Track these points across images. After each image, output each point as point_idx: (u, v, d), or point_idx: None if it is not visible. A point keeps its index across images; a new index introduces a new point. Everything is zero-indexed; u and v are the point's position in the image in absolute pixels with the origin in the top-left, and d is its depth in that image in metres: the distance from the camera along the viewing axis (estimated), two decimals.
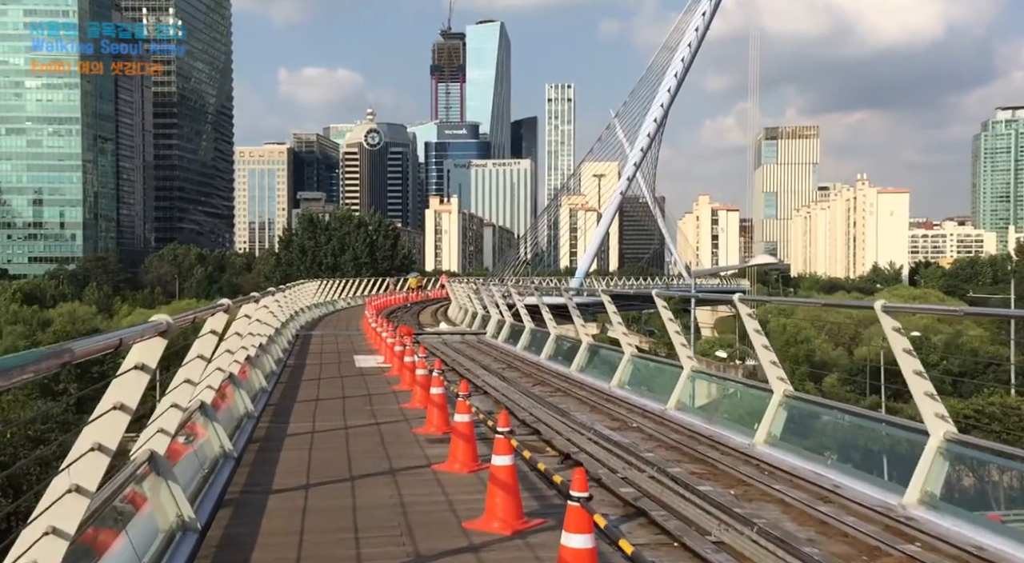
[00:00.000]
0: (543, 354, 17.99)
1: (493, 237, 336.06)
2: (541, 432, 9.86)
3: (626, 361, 13.28)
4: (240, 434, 8.94)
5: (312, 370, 15.31)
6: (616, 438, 9.49)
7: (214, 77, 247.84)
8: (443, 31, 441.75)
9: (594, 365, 15.18)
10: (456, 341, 23.62)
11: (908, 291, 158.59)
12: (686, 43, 72.89)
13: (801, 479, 7.38)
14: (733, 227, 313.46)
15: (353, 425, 9.64)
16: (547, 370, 16.34)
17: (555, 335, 18.04)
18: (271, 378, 13.89)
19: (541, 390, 13.84)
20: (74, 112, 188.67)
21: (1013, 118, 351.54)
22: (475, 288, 29.98)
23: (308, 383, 13.38)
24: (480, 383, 14.33)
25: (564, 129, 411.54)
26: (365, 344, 21.29)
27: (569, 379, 14.85)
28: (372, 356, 17.83)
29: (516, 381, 14.93)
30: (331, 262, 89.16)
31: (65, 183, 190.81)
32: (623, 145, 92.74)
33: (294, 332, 23.56)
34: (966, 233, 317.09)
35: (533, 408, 11.68)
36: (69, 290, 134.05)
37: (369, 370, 15.19)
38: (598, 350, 15.76)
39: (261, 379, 12.33)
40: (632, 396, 12.23)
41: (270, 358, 14.56)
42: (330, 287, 43.08)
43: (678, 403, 10.95)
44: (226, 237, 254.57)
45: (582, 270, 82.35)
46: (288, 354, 18.43)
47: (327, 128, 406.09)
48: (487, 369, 16.83)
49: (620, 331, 13.47)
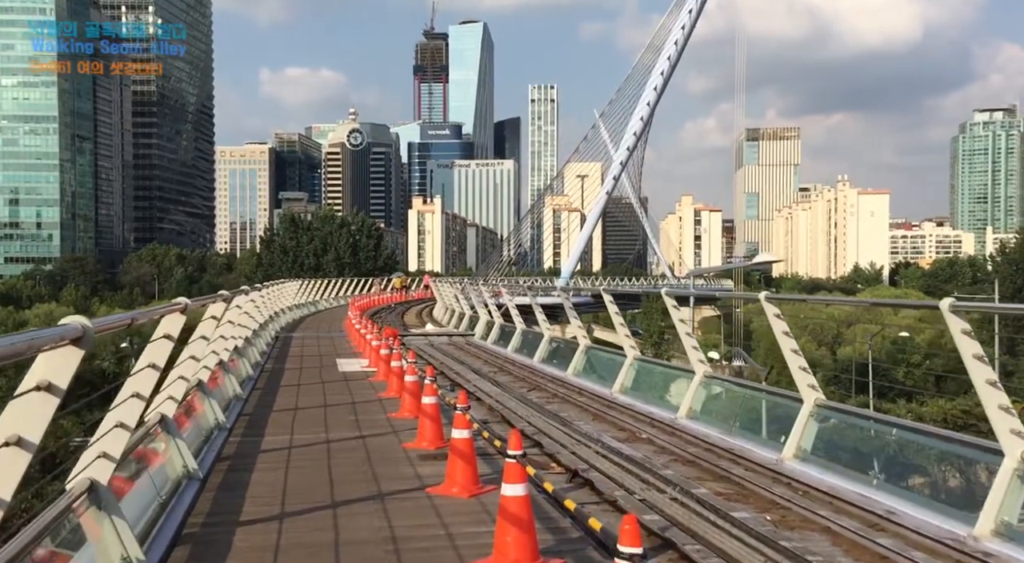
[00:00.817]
0: (536, 357, 17.09)
1: (476, 237, 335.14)
2: (543, 445, 8.95)
3: (628, 365, 12.40)
4: (208, 450, 7.97)
5: (292, 375, 14.30)
6: (626, 451, 8.59)
7: (195, 76, 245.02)
8: (426, 31, 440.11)
9: (593, 369, 14.30)
10: (443, 343, 22.68)
11: (889, 291, 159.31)
12: (672, 41, 72.26)
13: (845, 502, 6.51)
14: (716, 227, 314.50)
15: (336, 438, 8.68)
16: (542, 374, 15.44)
17: (549, 337, 17.14)
18: (247, 383, 12.90)
19: (538, 396, 12.94)
20: (51, 111, 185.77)
21: (991, 120, 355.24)
22: (462, 288, 29.03)
23: (287, 389, 12.39)
24: (472, 389, 13.41)
25: (547, 130, 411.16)
26: (348, 346, 20.29)
27: (566, 384, 13.96)
28: (356, 359, 16.85)
29: (510, 386, 14.02)
30: (313, 262, 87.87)
31: (42, 183, 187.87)
32: (608, 145, 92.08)
33: (274, 334, 22.52)
34: (944, 234, 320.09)
35: (532, 417, 10.78)
36: (46, 291, 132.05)
37: (353, 375, 14.21)
38: (597, 353, 14.88)
39: (235, 386, 11.34)
40: (637, 403, 11.35)
41: (246, 362, 13.56)
42: (312, 287, 41.94)
43: (690, 411, 10.08)
44: (207, 237, 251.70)
45: (568, 270, 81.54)
46: (267, 357, 17.41)
47: (309, 128, 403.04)
48: (478, 373, 15.91)
49: (623, 332, 12.57)
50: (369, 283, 55.27)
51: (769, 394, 9.17)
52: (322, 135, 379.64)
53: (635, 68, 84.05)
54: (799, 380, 7.80)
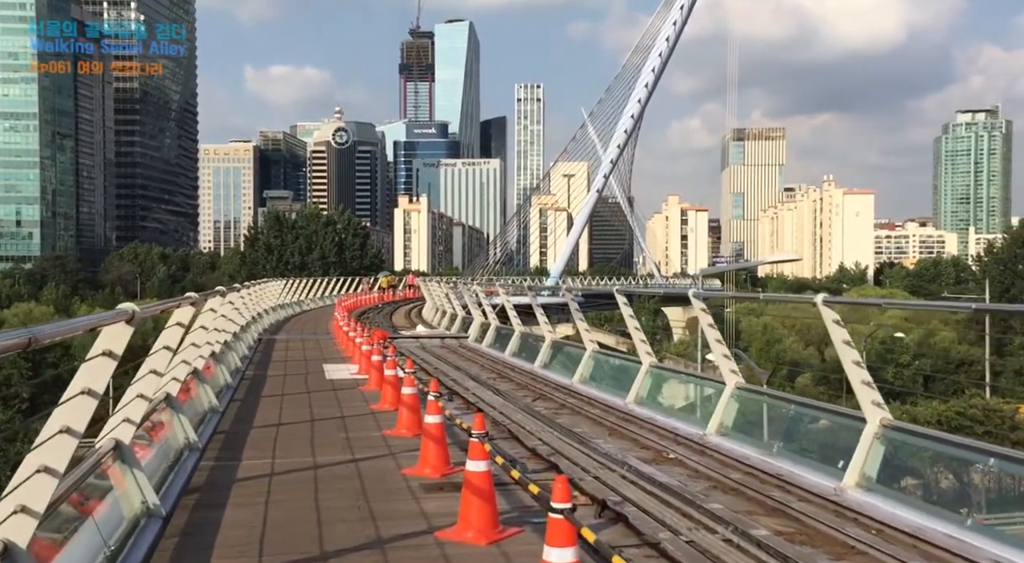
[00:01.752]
0: (537, 362, 15.99)
1: (463, 237, 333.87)
2: (561, 468, 7.86)
3: (645, 373, 11.32)
4: (176, 478, 6.83)
5: (275, 383, 13.12)
6: (658, 477, 7.50)
7: (178, 73, 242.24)
8: (412, 30, 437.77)
9: (603, 376, 13.21)
10: (435, 345, 21.56)
11: (874, 291, 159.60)
12: (664, 37, 71.33)
13: (940, 548, 5.44)
14: (703, 227, 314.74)
15: (325, 462, 7.54)
16: (545, 381, 14.34)
17: (551, 340, 16.04)
18: (225, 393, 11.72)
19: (545, 407, 11.85)
20: (31, 107, 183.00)
21: (973, 121, 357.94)
22: (454, 287, 27.86)
23: (269, 401, 11.22)
24: (472, 398, 12.30)
25: (533, 129, 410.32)
26: (336, 350, 19.11)
27: (574, 393, 12.87)
28: (344, 365, 15.68)
29: (513, 395, 12.92)
30: (298, 261, 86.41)
31: (22, 180, 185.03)
32: (596, 145, 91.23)
33: (256, 336, 21.30)
34: (928, 234, 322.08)
35: (542, 432, 9.68)
36: (25, 290, 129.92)
37: (342, 383, 13.05)
38: (606, 359, 13.79)
39: (211, 397, 10.17)
40: (658, 416, 10.27)
41: (224, 369, 12.37)
42: (297, 287, 40.64)
43: (721, 427, 9.00)
44: (190, 236, 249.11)
45: (558, 269, 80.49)
46: (248, 362, 16.21)
47: (294, 126, 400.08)
48: (476, 380, 14.79)
49: (638, 337, 11.47)
50: (357, 282, 53.93)
51: (817, 409, 8.09)
52: (307, 133, 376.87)
53: (624, 67, 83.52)
54: (862, 396, 6.80)
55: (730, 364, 9.16)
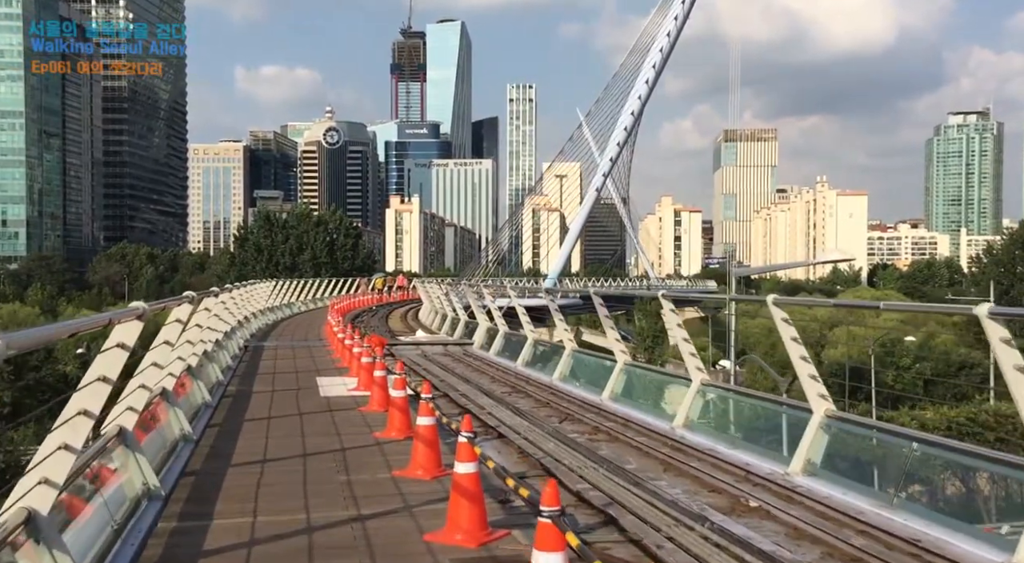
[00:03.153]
0: (556, 374, 14.25)
1: (455, 237, 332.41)
2: (622, 523, 6.15)
3: (695, 393, 9.60)
4: (122, 546, 5.10)
5: (260, 403, 11.33)
6: (757, 542, 5.78)
7: (167, 73, 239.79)
8: (403, 30, 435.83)
9: (639, 393, 11.49)
10: (438, 353, 19.81)
11: (869, 292, 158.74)
12: (665, 32, 69.99)
13: None
14: (696, 228, 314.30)
15: (323, 522, 5.77)
16: (567, 396, 12.62)
17: (571, 350, 14.32)
18: (201, 416, 9.97)
19: (576, 431, 10.14)
20: (18, 106, 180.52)
21: (964, 123, 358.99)
22: (457, 288, 26.10)
23: (253, 427, 9.45)
24: (492, 421, 10.57)
25: (525, 129, 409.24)
26: (330, 359, 17.33)
27: (606, 413, 11.15)
28: (341, 378, 13.91)
29: (535, 415, 11.21)
30: (289, 262, 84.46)
31: (8, 179, 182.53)
32: (591, 145, 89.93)
33: (242, 343, 19.50)
34: (920, 235, 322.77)
35: (585, 469, 7.96)
36: (10, 290, 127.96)
37: (339, 402, 11.27)
38: (639, 372, 12.08)
39: (183, 423, 8.42)
40: (719, 447, 8.55)
41: (201, 387, 10.61)
42: (287, 288, 38.79)
43: (807, 466, 7.30)
44: (179, 236, 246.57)
45: (556, 270, 78.87)
46: (231, 374, 14.42)
47: (285, 126, 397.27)
48: (490, 395, 13.06)
49: (687, 350, 9.74)
50: (355, 283, 52.04)
51: (953, 450, 6.35)
52: (298, 133, 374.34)
53: (624, 65, 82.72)
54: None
55: (819, 387, 7.45)
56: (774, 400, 9.41)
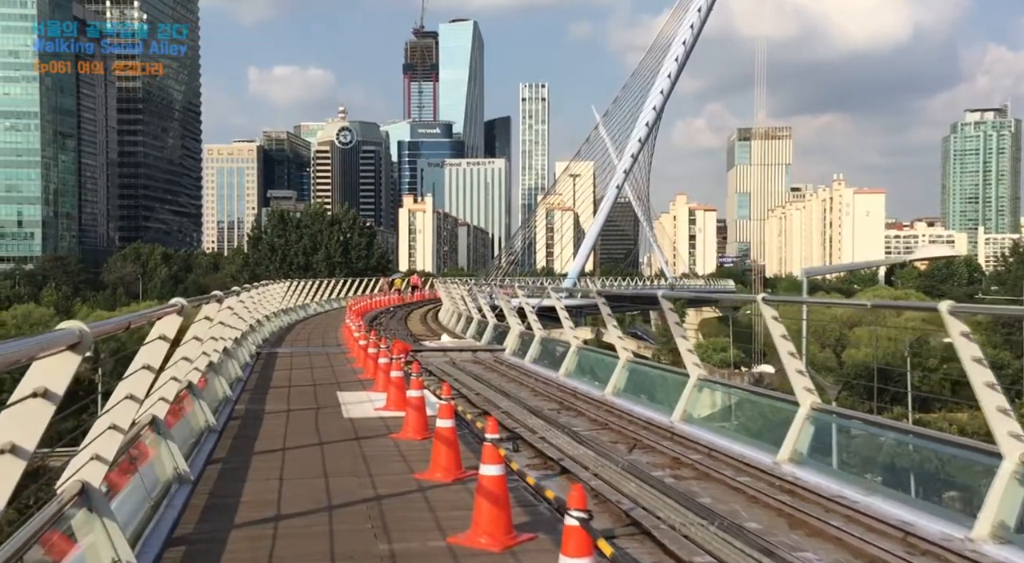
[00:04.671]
0: (609, 388, 12.51)
1: (468, 237, 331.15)
2: None
3: (804, 418, 7.80)
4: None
5: (273, 426, 9.61)
6: None
7: (181, 74, 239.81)
8: (416, 30, 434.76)
9: (718, 415, 9.74)
10: (467, 361, 18.14)
11: (888, 292, 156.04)
12: (688, 24, 68.26)
13: None
14: (711, 227, 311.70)
15: None
16: (628, 416, 10.85)
17: (627, 360, 12.54)
18: (204, 442, 8.29)
19: (655, 465, 8.41)
20: (33, 106, 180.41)
21: (982, 120, 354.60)
22: (481, 287, 24.37)
23: (264, 462, 7.71)
24: (553, 453, 8.81)
25: (538, 129, 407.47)
26: (351, 368, 15.65)
27: (680, 438, 9.38)
28: (365, 393, 12.21)
29: (598, 441, 9.49)
30: (303, 262, 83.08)
31: (23, 180, 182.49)
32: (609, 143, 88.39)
33: (254, 349, 17.86)
34: (937, 234, 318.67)
35: (690, 525, 6.21)
36: (25, 291, 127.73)
37: (366, 425, 9.52)
38: (712, 388, 10.30)
39: (177, 459, 6.75)
40: (850, 493, 6.75)
41: (203, 407, 8.91)
42: (301, 289, 37.20)
43: (999, 527, 5.49)
44: (194, 237, 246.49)
45: (575, 270, 77.18)
46: (240, 388, 12.75)
47: (298, 126, 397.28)
48: (538, 414, 11.34)
49: (794, 366, 7.93)
50: (377, 283, 50.41)
51: None
52: (311, 133, 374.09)
53: (642, 63, 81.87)
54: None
55: None
56: (895, 427, 7.54)
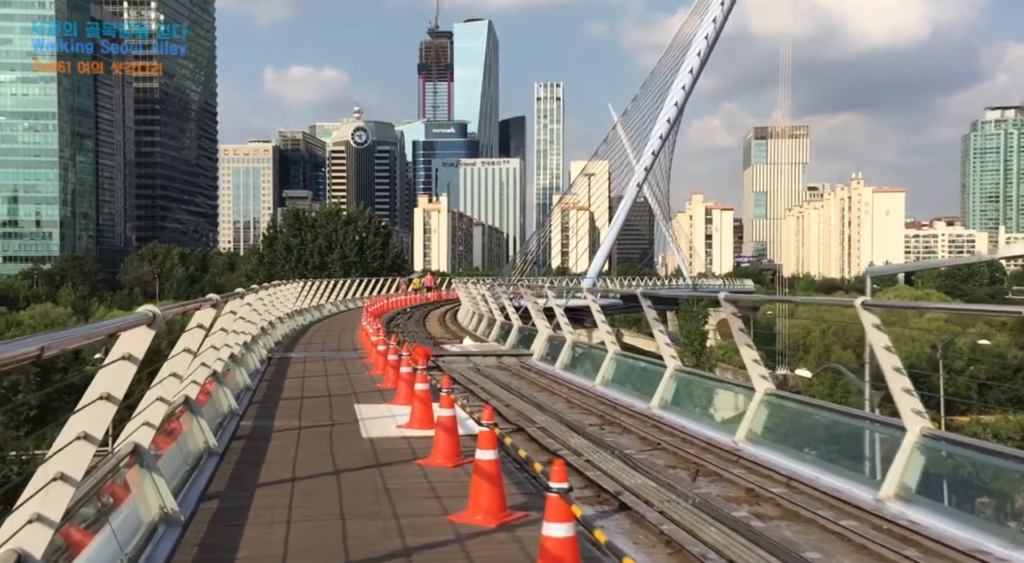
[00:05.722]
0: (655, 400, 11.24)
1: (483, 236, 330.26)
2: None
3: (913, 446, 6.51)
4: None
5: (281, 446, 8.34)
6: None
7: (198, 74, 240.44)
8: (430, 30, 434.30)
9: (797, 438, 8.41)
10: (492, 366, 16.93)
11: (909, 291, 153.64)
12: (711, 18, 67.03)
13: None
14: (728, 226, 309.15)
15: None
16: (681, 433, 9.57)
17: (675, 369, 11.26)
18: (200, 471, 7.08)
19: (728, 498, 7.12)
20: (51, 107, 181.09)
21: (1002, 118, 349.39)
22: (504, 287, 23.13)
23: (268, 496, 6.41)
24: (608, 484, 7.51)
25: (553, 128, 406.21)
26: (368, 376, 14.44)
27: (749, 463, 8.09)
28: (385, 405, 10.96)
29: (656, 468, 8.17)
30: (318, 261, 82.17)
31: (41, 180, 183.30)
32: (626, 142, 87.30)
33: (265, 354, 16.70)
34: (957, 233, 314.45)
35: None
36: (43, 291, 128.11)
37: (388, 448, 8.21)
38: (784, 405, 8.99)
39: (163, 496, 5.54)
40: (991, 544, 5.46)
41: (201, 426, 7.71)
42: (315, 289, 36.14)
43: None
44: (210, 237, 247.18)
45: (595, 270, 76.03)
46: (249, 399, 11.57)
47: (313, 126, 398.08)
48: (578, 431, 10.07)
49: (901, 385, 6.66)
50: (394, 283, 49.37)
51: None
52: (326, 133, 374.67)
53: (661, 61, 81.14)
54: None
55: None
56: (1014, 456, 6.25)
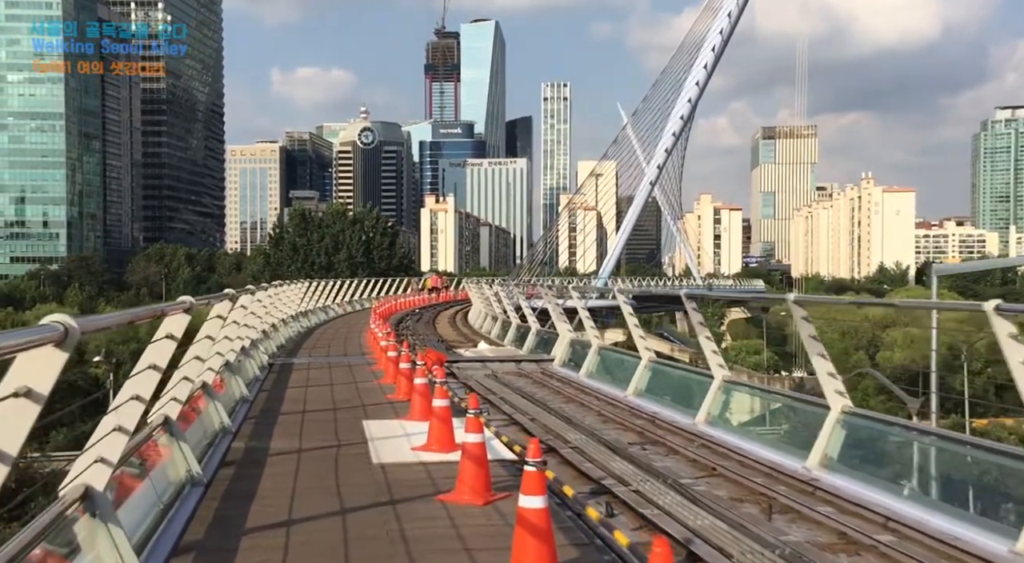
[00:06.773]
0: (700, 415, 9.98)
1: (490, 237, 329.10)
2: None
3: None
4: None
5: (277, 476, 6.94)
6: None
7: (205, 75, 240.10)
8: (437, 30, 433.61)
9: (887, 469, 7.10)
10: (511, 373, 15.67)
11: (920, 292, 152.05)
12: (725, 12, 65.88)
13: None
14: (736, 227, 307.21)
15: None
16: (736, 455, 8.31)
17: (723, 380, 9.99)
18: (177, 511, 5.82)
19: (819, 546, 5.84)
20: (58, 108, 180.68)
21: (1013, 117, 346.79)
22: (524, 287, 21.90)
23: (257, 548, 5.14)
24: (676, 529, 6.22)
25: (560, 128, 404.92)
26: (376, 384, 13.19)
27: (828, 494, 6.82)
28: (397, 421, 9.71)
29: (720, 504, 6.90)
30: (324, 262, 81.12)
31: (48, 180, 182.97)
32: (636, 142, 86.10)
33: (265, 360, 15.47)
34: (967, 233, 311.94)
35: None
36: (50, 291, 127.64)
37: (403, 477, 6.82)
38: (861, 425, 7.70)
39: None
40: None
41: (184, 452, 6.46)
42: (322, 289, 34.94)
43: None
44: (217, 237, 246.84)
45: (607, 270, 74.75)
46: (245, 412, 10.34)
47: (320, 127, 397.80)
48: (618, 452, 8.82)
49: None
50: (402, 283, 48.29)
51: None
52: (333, 134, 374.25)
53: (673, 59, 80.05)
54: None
55: None
56: None
